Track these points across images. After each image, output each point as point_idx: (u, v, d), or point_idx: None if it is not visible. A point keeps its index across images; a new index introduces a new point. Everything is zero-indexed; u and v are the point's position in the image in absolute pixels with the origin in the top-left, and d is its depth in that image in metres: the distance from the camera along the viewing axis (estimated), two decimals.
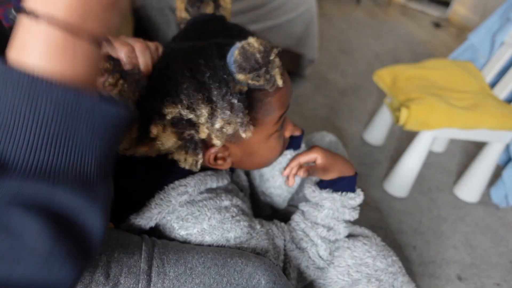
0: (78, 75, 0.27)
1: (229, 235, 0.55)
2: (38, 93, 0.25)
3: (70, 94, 0.26)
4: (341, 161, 0.65)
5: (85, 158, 0.27)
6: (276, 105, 0.52)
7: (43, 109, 0.25)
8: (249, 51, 0.43)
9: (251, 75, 0.44)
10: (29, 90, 0.25)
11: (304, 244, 0.64)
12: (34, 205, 0.25)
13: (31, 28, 0.26)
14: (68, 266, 0.26)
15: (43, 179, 0.25)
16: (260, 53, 0.43)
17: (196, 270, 0.47)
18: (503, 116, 1.21)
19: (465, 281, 1.15)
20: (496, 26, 1.46)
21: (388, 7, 3.58)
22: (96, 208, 0.27)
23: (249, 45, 0.44)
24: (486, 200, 1.46)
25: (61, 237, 0.26)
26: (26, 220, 0.24)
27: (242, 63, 0.44)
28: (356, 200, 0.64)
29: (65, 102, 0.26)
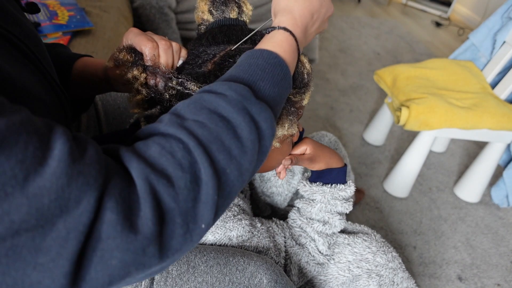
0: (291, 65, 0.45)
1: (231, 233, 0.55)
2: (276, 63, 0.42)
3: (289, 72, 0.43)
4: (329, 153, 0.66)
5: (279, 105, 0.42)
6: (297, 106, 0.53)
7: (278, 73, 0.41)
8: (300, 69, 0.47)
9: (294, 91, 0.47)
10: (273, 62, 0.41)
11: (303, 240, 0.65)
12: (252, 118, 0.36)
13: (284, 35, 0.45)
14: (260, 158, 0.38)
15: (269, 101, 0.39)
16: (308, 75, 0.47)
17: (199, 268, 0.47)
18: (504, 116, 1.21)
19: (466, 281, 1.15)
20: (497, 26, 1.46)
21: (388, 6, 3.57)
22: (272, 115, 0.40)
23: (301, 62, 0.47)
24: (486, 200, 1.46)
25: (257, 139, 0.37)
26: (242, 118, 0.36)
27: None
28: (347, 191, 0.65)
29: (286, 75, 0.43)
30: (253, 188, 0.82)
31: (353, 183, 0.68)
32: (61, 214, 0.26)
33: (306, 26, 0.48)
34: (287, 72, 0.43)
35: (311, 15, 0.48)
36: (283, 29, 0.45)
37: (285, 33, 0.45)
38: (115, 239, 0.28)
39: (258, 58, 0.41)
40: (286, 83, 0.42)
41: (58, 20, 1.06)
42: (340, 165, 0.66)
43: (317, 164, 0.64)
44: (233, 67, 0.42)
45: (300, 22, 0.47)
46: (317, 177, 0.66)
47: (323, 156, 0.64)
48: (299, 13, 0.47)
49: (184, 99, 0.45)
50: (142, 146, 0.33)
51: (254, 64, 0.41)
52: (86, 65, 0.59)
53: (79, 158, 0.28)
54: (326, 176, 0.65)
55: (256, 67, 0.40)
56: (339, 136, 1.70)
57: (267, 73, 0.40)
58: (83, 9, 1.17)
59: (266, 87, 0.40)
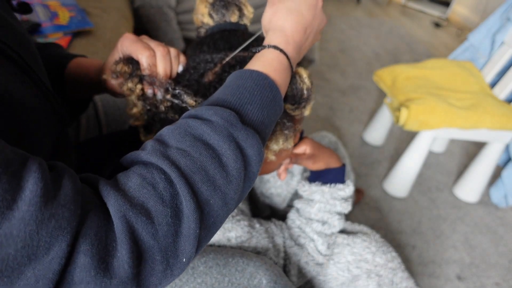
0: (282, 86, 0.44)
1: (230, 234, 0.55)
2: (266, 85, 0.41)
3: (279, 93, 0.42)
4: (328, 153, 0.66)
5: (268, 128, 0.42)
6: (297, 120, 0.53)
7: (267, 95, 0.40)
8: (299, 85, 0.46)
9: (293, 106, 0.46)
10: (262, 84, 0.40)
11: (302, 240, 0.65)
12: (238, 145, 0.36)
13: (274, 54, 0.44)
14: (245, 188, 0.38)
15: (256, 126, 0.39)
16: (307, 90, 0.46)
17: (198, 269, 0.47)
18: (503, 116, 1.21)
19: (465, 280, 1.16)
20: (496, 26, 1.46)
21: (388, 7, 3.58)
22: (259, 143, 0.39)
23: (299, 77, 0.46)
24: (485, 200, 1.46)
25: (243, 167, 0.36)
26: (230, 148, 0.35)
27: (289, 93, 0.45)
28: (345, 191, 0.65)
29: (276, 97, 0.42)
30: (252, 189, 0.82)
31: (353, 183, 0.68)
32: (29, 262, 0.24)
33: (299, 42, 0.46)
34: (277, 94, 0.41)
35: (303, 30, 0.47)
36: (274, 47, 0.44)
37: (275, 52, 0.44)
38: (88, 284, 0.26)
39: (247, 79, 0.40)
40: (275, 105, 0.41)
41: (59, 20, 1.07)
42: (338, 165, 0.66)
43: (316, 163, 0.64)
44: (221, 88, 0.41)
45: (292, 39, 0.46)
46: (316, 177, 0.66)
47: (323, 156, 0.65)
48: (291, 30, 0.46)
49: (181, 111, 0.45)
50: (123, 178, 0.32)
51: (243, 86, 0.40)
52: (79, 66, 0.58)
53: (52, 198, 0.26)
54: (325, 176, 0.66)
55: (244, 89, 0.39)
56: (339, 136, 1.70)
57: (256, 96, 0.39)
58: (83, 10, 1.17)
59: (254, 110, 0.39)
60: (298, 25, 0.46)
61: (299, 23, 0.46)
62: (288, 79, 0.45)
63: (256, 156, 0.36)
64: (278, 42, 0.45)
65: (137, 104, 0.45)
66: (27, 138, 0.38)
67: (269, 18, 0.47)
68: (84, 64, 0.58)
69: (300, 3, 0.46)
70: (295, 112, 0.47)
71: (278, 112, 0.42)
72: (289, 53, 0.45)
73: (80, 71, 0.58)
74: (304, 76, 0.46)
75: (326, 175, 0.66)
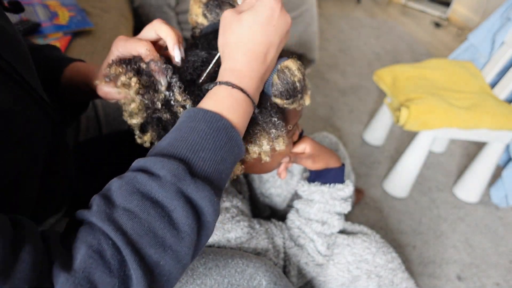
0: (240, 123, 0.42)
1: (229, 235, 0.55)
2: (220, 127, 0.39)
3: (235, 132, 0.40)
4: (327, 153, 0.66)
5: (225, 172, 0.40)
6: (293, 113, 0.53)
7: (221, 138, 0.39)
8: (289, 78, 0.44)
9: (288, 101, 0.46)
10: (216, 126, 0.39)
11: (302, 241, 0.65)
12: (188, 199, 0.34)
13: (226, 92, 0.41)
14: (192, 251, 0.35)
15: (205, 180, 0.36)
16: (299, 82, 0.45)
17: (197, 271, 0.47)
18: (503, 116, 1.21)
19: (465, 280, 1.16)
20: (496, 26, 1.46)
21: (388, 6, 3.57)
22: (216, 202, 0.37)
23: (289, 70, 0.44)
24: (486, 200, 1.46)
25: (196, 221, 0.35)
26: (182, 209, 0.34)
27: (281, 88, 0.44)
28: (345, 191, 0.65)
29: (232, 137, 0.40)
30: (252, 189, 0.82)
31: (353, 183, 0.68)
32: None
33: (258, 70, 0.43)
34: (232, 135, 0.39)
35: (262, 54, 0.43)
36: (225, 84, 0.41)
37: (228, 88, 0.41)
38: None
39: (200, 121, 0.38)
40: (232, 146, 0.39)
41: (59, 20, 1.07)
42: (338, 164, 0.66)
43: (316, 163, 0.64)
44: (174, 130, 0.39)
45: (248, 69, 0.42)
46: (315, 177, 0.66)
47: (322, 155, 0.65)
48: (245, 61, 0.42)
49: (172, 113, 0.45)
50: (74, 248, 0.31)
51: (195, 129, 0.38)
52: (77, 71, 0.57)
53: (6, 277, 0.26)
54: (325, 176, 0.65)
55: (197, 134, 0.38)
56: (339, 136, 1.70)
57: (208, 141, 0.38)
58: (83, 10, 1.17)
59: (207, 157, 0.37)
60: (253, 53, 0.42)
61: (253, 51, 0.42)
62: (248, 113, 0.43)
63: (209, 207, 0.35)
64: (231, 75, 0.42)
65: (135, 99, 0.44)
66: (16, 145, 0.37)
67: (222, 49, 0.45)
68: (82, 70, 0.57)
69: (254, 24, 0.42)
70: (293, 105, 0.47)
71: (236, 152, 0.40)
72: (245, 85, 0.42)
73: (77, 76, 0.57)
74: (294, 69, 0.45)
75: (326, 175, 0.65)
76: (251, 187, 0.82)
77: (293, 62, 0.45)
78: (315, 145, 0.64)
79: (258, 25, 0.42)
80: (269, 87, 0.45)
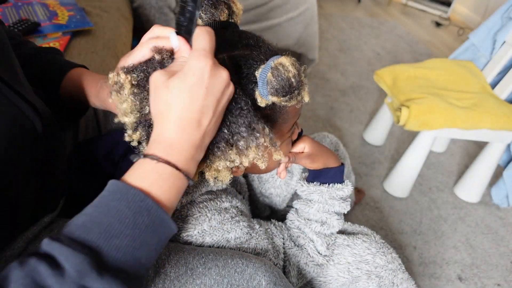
0: (168, 199, 0.39)
1: (229, 235, 0.55)
2: (142, 208, 0.36)
3: (160, 211, 0.37)
4: (326, 153, 0.66)
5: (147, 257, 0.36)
6: (292, 113, 0.52)
7: (142, 221, 0.35)
8: (284, 75, 0.43)
9: (284, 98, 0.44)
10: (137, 207, 0.36)
11: (302, 241, 0.65)
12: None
13: (150, 165, 0.38)
14: None
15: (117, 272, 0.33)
16: (294, 78, 0.43)
17: (197, 271, 0.47)
18: (504, 116, 1.21)
19: (466, 281, 1.15)
20: (497, 26, 1.46)
21: (388, 6, 3.57)
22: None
23: (283, 67, 0.43)
24: (486, 200, 1.45)
25: None
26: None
27: (276, 86, 0.43)
28: (344, 191, 0.65)
29: (157, 217, 0.37)
30: (251, 189, 0.81)
31: (353, 183, 0.67)
32: None
33: (191, 138, 0.39)
34: (157, 215, 0.36)
35: (199, 114, 0.39)
36: (150, 157, 0.38)
37: (152, 162, 0.38)
38: None
39: (120, 200, 0.35)
40: (155, 227, 0.36)
41: (58, 20, 1.06)
42: (337, 164, 0.66)
43: (315, 163, 0.64)
44: (93, 205, 0.36)
45: (178, 139, 0.39)
46: (314, 176, 0.66)
47: (321, 155, 0.64)
48: (172, 131, 0.39)
49: None
50: None
51: (114, 209, 0.35)
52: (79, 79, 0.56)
53: None
54: (324, 176, 0.65)
55: (114, 216, 0.34)
56: (339, 136, 1.69)
57: (127, 225, 0.34)
58: (83, 9, 1.17)
59: (122, 244, 0.34)
60: (184, 121, 0.39)
61: (184, 119, 0.39)
62: (177, 187, 0.39)
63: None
64: (157, 148, 0.39)
65: (128, 99, 0.43)
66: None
67: (153, 117, 0.41)
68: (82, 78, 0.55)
69: (182, 90, 0.38)
70: (291, 102, 0.45)
71: (163, 232, 0.37)
72: (174, 157, 0.39)
73: (77, 84, 0.55)
74: (288, 64, 0.43)
75: (325, 175, 0.65)
76: (251, 187, 0.81)
77: (287, 59, 0.43)
78: (314, 145, 0.64)
79: (186, 90, 0.38)
80: (263, 86, 0.44)
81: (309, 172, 0.67)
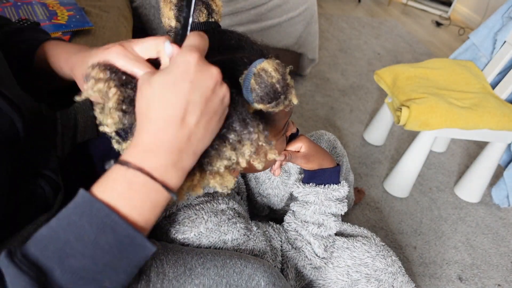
0: (142, 216, 0.34)
1: (226, 237, 0.54)
2: (105, 224, 0.31)
3: (130, 230, 0.32)
4: (322, 153, 0.66)
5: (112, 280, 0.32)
6: (284, 112, 0.52)
7: (106, 240, 0.31)
8: (267, 81, 0.40)
9: (271, 104, 0.42)
10: (100, 224, 0.31)
11: (299, 244, 0.64)
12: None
13: (120, 172, 0.34)
14: None
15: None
16: (278, 83, 0.41)
17: (196, 271, 0.47)
18: (504, 116, 1.21)
19: (466, 281, 1.15)
20: (497, 25, 1.45)
21: (388, 6, 3.57)
22: None
23: (265, 73, 0.40)
24: (487, 200, 1.45)
25: None
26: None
27: (260, 93, 0.41)
28: (340, 192, 0.65)
29: (126, 237, 0.32)
30: (249, 189, 0.81)
31: (353, 182, 0.67)
32: None
33: (174, 134, 0.35)
34: (125, 235, 0.32)
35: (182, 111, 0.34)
36: (120, 163, 0.34)
37: (122, 169, 0.34)
38: None
39: (82, 215, 0.31)
40: (122, 248, 0.32)
41: (58, 19, 1.06)
42: (332, 165, 0.66)
43: (310, 163, 0.64)
44: (56, 218, 0.32)
45: (158, 139, 0.34)
46: (310, 177, 0.66)
47: (317, 155, 0.64)
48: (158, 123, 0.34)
49: None
50: None
51: (74, 224, 0.31)
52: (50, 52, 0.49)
53: None
54: (319, 177, 0.65)
55: (74, 233, 0.30)
56: (339, 136, 1.69)
57: (86, 244, 0.30)
58: (82, 9, 1.16)
59: (80, 266, 0.30)
60: (165, 121, 0.34)
61: (164, 118, 0.34)
62: (151, 200, 0.34)
63: None
64: (131, 153, 0.34)
65: (114, 115, 0.38)
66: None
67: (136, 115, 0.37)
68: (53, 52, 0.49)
69: (164, 85, 0.35)
70: (279, 107, 0.43)
71: (132, 254, 0.33)
72: (149, 163, 0.34)
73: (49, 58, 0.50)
74: (270, 70, 0.40)
75: (320, 175, 0.65)
76: (249, 187, 0.81)
77: (269, 63, 0.41)
78: (310, 145, 0.64)
79: (169, 85, 0.34)
80: (248, 93, 0.42)
81: (305, 172, 0.67)
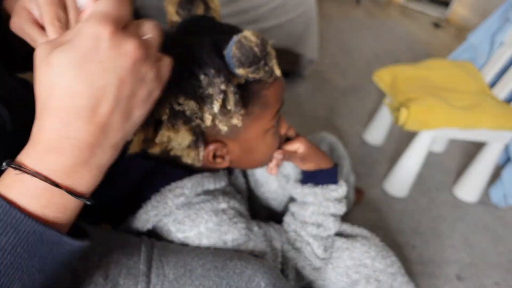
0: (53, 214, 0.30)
1: (226, 237, 0.55)
2: (6, 224, 0.27)
3: (38, 226, 0.28)
4: (320, 154, 0.66)
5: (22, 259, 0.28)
6: (271, 98, 0.53)
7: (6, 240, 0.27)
8: (247, 45, 0.44)
9: (251, 68, 0.45)
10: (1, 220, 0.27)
11: (299, 244, 0.65)
12: None
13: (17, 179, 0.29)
14: None
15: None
16: (257, 47, 0.44)
17: (196, 272, 0.47)
18: (502, 116, 1.21)
19: (464, 280, 1.16)
20: (495, 27, 1.46)
21: (387, 7, 3.57)
22: None
23: (245, 39, 0.44)
24: (485, 200, 1.46)
25: None
26: None
27: (241, 57, 0.44)
28: (338, 192, 0.65)
29: (29, 234, 0.28)
30: (250, 190, 0.81)
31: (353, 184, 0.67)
32: None
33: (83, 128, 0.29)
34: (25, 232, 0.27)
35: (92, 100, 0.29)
36: (13, 166, 0.29)
37: (16, 173, 0.29)
38: None
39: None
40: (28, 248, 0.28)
41: None
42: (329, 166, 0.66)
43: (308, 163, 0.64)
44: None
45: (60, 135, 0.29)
46: (308, 178, 0.66)
47: (315, 156, 0.65)
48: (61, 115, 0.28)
49: None
50: None
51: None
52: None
53: None
54: (317, 177, 0.65)
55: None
56: (339, 136, 1.70)
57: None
58: None
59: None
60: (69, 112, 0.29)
61: (69, 109, 0.28)
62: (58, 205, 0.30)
63: None
64: (26, 153, 0.30)
65: None
66: None
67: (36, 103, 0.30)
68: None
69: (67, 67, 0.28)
70: (259, 73, 0.46)
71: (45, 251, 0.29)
72: (49, 165, 0.29)
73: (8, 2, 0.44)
74: (249, 35, 0.44)
75: (318, 175, 0.65)
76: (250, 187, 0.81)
77: (250, 31, 0.45)
78: (308, 145, 0.64)
79: (73, 66, 0.28)
80: (230, 60, 0.45)
81: (303, 173, 0.67)
